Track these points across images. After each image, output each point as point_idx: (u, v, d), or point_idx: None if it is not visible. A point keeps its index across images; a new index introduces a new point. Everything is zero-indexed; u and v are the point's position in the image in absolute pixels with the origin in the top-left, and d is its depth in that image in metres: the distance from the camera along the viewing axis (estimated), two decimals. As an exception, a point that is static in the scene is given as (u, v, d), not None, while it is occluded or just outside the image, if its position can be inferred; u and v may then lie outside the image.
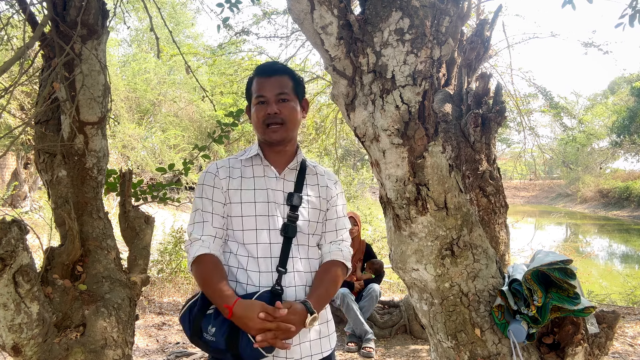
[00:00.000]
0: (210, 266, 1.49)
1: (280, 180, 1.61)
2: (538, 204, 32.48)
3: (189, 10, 22.08)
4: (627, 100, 24.61)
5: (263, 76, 1.59)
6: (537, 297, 1.51)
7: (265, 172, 1.61)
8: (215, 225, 1.55)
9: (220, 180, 1.58)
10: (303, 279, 1.55)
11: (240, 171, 1.61)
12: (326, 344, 1.60)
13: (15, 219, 1.60)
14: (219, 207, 1.57)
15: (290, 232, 1.55)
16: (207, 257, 1.50)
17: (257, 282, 1.51)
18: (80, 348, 1.81)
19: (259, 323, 1.37)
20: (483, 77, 3.46)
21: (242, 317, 1.39)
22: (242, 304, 1.40)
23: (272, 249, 1.54)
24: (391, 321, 4.83)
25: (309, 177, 1.66)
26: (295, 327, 1.40)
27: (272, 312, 1.38)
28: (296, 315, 1.42)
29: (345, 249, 1.65)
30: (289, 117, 1.57)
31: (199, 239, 1.53)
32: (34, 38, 1.90)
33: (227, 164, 1.64)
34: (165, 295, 6.44)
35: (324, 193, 1.65)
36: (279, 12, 6.87)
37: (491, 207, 3.38)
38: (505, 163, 14.88)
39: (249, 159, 1.63)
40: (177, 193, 13.03)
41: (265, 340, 1.37)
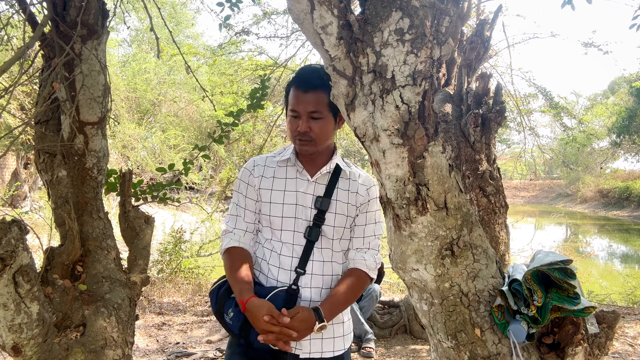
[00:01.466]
0: (236, 259, 1.58)
1: (311, 183, 1.63)
2: (538, 204, 32.49)
3: (189, 10, 22.10)
4: (627, 101, 24.62)
5: (300, 89, 1.59)
6: (537, 297, 1.51)
7: (297, 174, 1.64)
8: (247, 220, 1.65)
9: (254, 178, 1.65)
10: (321, 282, 1.58)
11: (273, 171, 1.65)
12: (339, 343, 1.62)
13: (15, 219, 1.60)
14: (251, 203, 1.65)
15: (313, 236, 1.58)
16: (236, 249, 1.60)
17: (276, 276, 1.57)
18: (80, 348, 1.81)
19: (263, 324, 1.41)
20: (483, 77, 3.46)
21: (251, 314, 1.45)
22: (253, 302, 1.46)
23: (294, 249, 1.59)
24: (391, 321, 4.83)
25: (342, 182, 1.65)
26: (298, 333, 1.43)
27: (277, 317, 1.42)
28: (303, 322, 1.45)
29: (370, 257, 1.63)
30: (317, 135, 1.59)
31: (231, 232, 1.64)
32: (34, 38, 1.90)
33: (263, 162, 1.68)
34: (165, 295, 6.45)
35: (353, 199, 1.64)
36: (279, 12, 6.87)
37: (491, 207, 3.38)
38: (505, 163, 14.89)
39: (285, 160, 1.66)
40: (177, 193, 13.04)
41: (266, 341, 1.42)
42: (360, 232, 1.66)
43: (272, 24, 7.08)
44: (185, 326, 5.18)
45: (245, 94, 9.69)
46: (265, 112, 9.57)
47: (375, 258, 1.64)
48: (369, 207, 1.66)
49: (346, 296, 1.57)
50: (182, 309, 5.90)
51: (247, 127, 10.24)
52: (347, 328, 1.66)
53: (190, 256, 7.75)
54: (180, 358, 4.11)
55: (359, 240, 1.65)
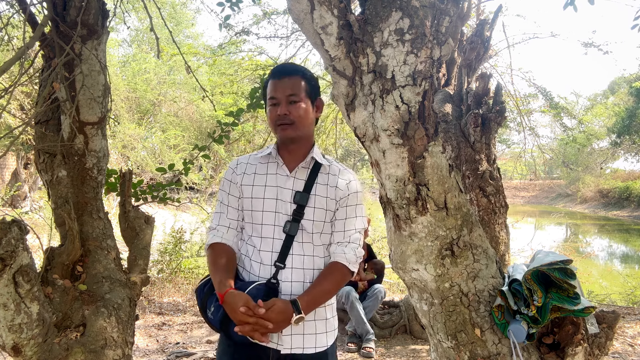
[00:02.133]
0: (217, 254, 1.63)
1: (290, 178, 1.66)
2: (538, 204, 32.48)
3: (189, 10, 22.10)
4: (627, 101, 24.61)
5: (275, 78, 1.66)
6: (537, 297, 1.51)
7: (278, 170, 1.68)
8: (230, 216, 1.69)
9: (236, 175, 1.70)
10: (301, 276, 1.60)
11: (255, 167, 1.70)
12: (322, 340, 1.63)
13: (15, 219, 1.60)
14: (234, 200, 1.70)
15: (292, 230, 1.60)
16: (218, 245, 1.65)
17: (258, 272, 1.61)
18: (80, 348, 1.81)
19: (239, 315, 1.46)
20: (483, 77, 3.46)
21: (228, 305, 1.49)
22: (231, 294, 1.50)
23: (274, 244, 1.62)
24: (391, 321, 4.83)
25: (321, 176, 1.67)
26: (275, 324, 1.46)
27: (252, 308, 1.46)
28: (280, 313, 1.47)
29: (350, 251, 1.63)
30: (298, 117, 1.62)
31: (215, 229, 1.69)
32: (34, 38, 1.90)
33: (246, 160, 1.74)
34: (165, 295, 6.45)
35: (332, 193, 1.65)
36: (279, 12, 6.87)
37: (491, 207, 3.38)
38: (505, 163, 14.88)
39: (266, 156, 1.71)
40: (177, 193, 13.03)
41: (242, 332, 1.46)
42: (341, 226, 1.67)
43: (272, 24, 7.08)
44: (185, 326, 5.18)
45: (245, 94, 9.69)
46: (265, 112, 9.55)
47: (355, 252, 1.65)
48: (349, 201, 1.67)
49: (325, 289, 1.59)
50: (182, 309, 5.90)
51: (247, 127, 10.24)
52: (330, 325, 1.67)
53: (190, 256, 7.75)
54: (180, 358, 4.11)
55: (340, 234, 1.67)
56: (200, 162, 13.11)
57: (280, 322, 1.48)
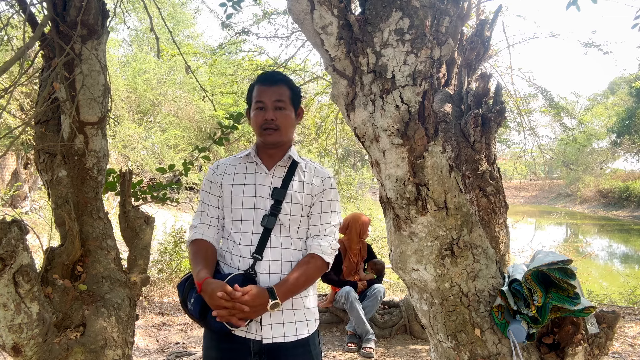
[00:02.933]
0: (197, 249, 1.72)
1: (269, 176, 1.75)
2: (538, 204, 32.48)
3: (189, 10, 22.10)
4: (627, 101, 24.61)
5: (264, 84, 1.74)
6: (537, 297, 1.51)
7: (256, 169, 1.77)
8: (210, 215, 1.78)
9: (216, 175, 1.80)
10: (279, 268, 1.68)
11: (235, 168, 1.80)
12: (302, 328, 1.70)
13: (15, 219, 1.60)
14: (214, 199, 1.78)
15: (269, 224, 1.69)
16: (198, 241, 1.74)
17: (237, 265, 1.68)
18: (80, 348, 1.81)
19: (217, 300, 1.52)
20: (483, 77, 3.46)
21: (206, 293, 1.56)
22: (208, 282, 1.57)
23: (252, 238, 1.70)
24: (391, 321, 4.83)
25: (297, 174, 1.77)
26: (251, 309, 1.53)
27: (229, 293, 1.52)
28: (257, 298, 1.54)
29: (326, 243, 1.72)
30: (283, 124, 1.73)
31: (196, 227, 1.77)
32: (34, 38, 1.90)
33: (226, 162, 1.84)
34: (165, 295, 6.45)
35: (308, 189, 1.75)
36: (279, 12, 6.87)
37: (491, 207, 3.38)
38: (505, 163, 14.89)
39: (245, 157, 1.81)
40: (177, 193, 13.04)
41: (220, 316, 1.52)
42: (317, 220, 1.76)
43: (272, 24, 7.07)
44: (185, 326, 5.18)
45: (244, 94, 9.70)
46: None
47: (331, 244, 1.73)
48: (324, 196, 1.76)
49: (300, 278, 1.66)
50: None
51: (247, 128, 10.24)
52: (309, 314, 1.74)
53: (190, 256, 7.74)
54: (180, 358, 4.11)
55: (316, 228, 1.75)
56: (200, 162, 13.11)
57: (256, 307, 1.55)
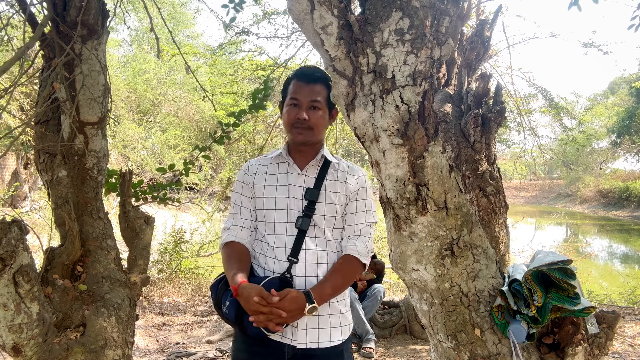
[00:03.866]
0: (231, 252, 1.68)
1: (301, 176, 1.71)
2: (538, 204, 32.48)
3: (189, 10, 22.10)
4: (627, 101, 24.60)
5: (301, 81, 1.70)
6: (537, 297, 1.51)
7: (288, 169, 1.73)
8: (243, 217, 1.74)
9: (248, 176, 1.76)
10: (315, 270, 1.64)
11: (266, 168, 1.76)
12: (337, 334, 1.65)
13: (15, 219, 1.60)
14: (247, 200, 1.75)
15: (303, 225, 1.64)
16: (232, 244, 1.70)
17: (272, 268, 1.64)
18: (80, 348, 1.81)
19: (253, 305, 1.48)
20: (483, 77, 3.46)
21: (242, 297, 1.52)
22: (244, 286, 1.53)
23: (286, 240, 1.65)
24: (391, 321, 4.83)
25: (330, 173, 1.73)
26: (288, 314, 1.49)
27: (266, 297, 1.48)
28: (293, 302, 1.50)
29: (361, 244, 1.68)
30: (315, 124, 1.69)
31: (229, 228, 1.74)
32: (34, 38, 1.90)
33: (257, 162, 1.80)
34: (165, 295, 6.45)
35: (342, 189, 1.71)
36: (279, 12, 6.87)
37: (491, 207, 3.38)
38: (505, 163, 14.89)
39: (276, 157, 1.77)
40: (177, 193, 13.03)
41: (257, 321, 1.49)
42: (352, 220, 1.72)
43: (272, 24, 7.07)
44: (185, 326, 5.18)
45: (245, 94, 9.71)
46: (266, 112, 9.58)
47: (366, 244, 1.69)
48: (359, 195, 1.73)
49: (337, 282, 1.62)
50: (182, 309, 5.90)
51: (247, 127, 10.24)
52: (344, 319, 1.69)
53: (190, 256, 7.74)
54: (180, 358, 4.11)
55: (350, 228, 1.71)
56: (201, 162, 13.10)
57: (293, 312, 1.50)
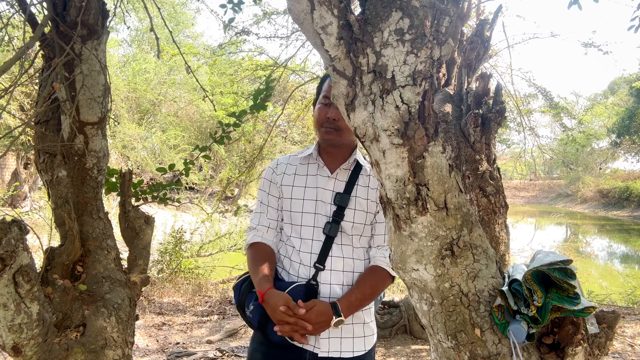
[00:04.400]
0: (257, 253, 1.63)
1: (331, 179, 1.64)
2: (538, 204, 32.49)
3: (189, 10, 22.10)
4: (627, 101, 24.61)
5: None
6: (537, 297, 1.51)
7: (318, 171, 1.67)
8: (269, 217, 1.69)
9: (276, 175, 1.70)
10: (341, 278, 1.58)
11: (295, 168, 1.69)
12: (359, 344, 1.60)
13: (15, 219, 1.60)
14: (274, 200, 1.69)
15: (331, 232, 1.58)
16: (258, 245, 1.65)
17: (297, 272, 1.59)
18: (80, 348, 1.81)
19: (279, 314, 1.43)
20: (483, 77, 3.46)
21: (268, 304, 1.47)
22: (271, 293, 1.48)
23: (313, 245, 1.60)
24: (391, 321, 4.83)
25: (362, 178, 1.66)
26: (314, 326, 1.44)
27: (292, 308, 1.43)
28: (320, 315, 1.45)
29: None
30: (345, 126, 1.62)
31: (255, 228, 1.69)
32: (34, 38, 1.90)
33: (286, 160, 1.73)
34: (165, 295, 6.45)
35: (373, 196, 1.64)
36: (279, 12, 6.87)
37: (491, 207, 3.38)
38: (505, 163, 14.89)
39: (306, 157, 1.70)
40: (177, 193, 13.04)
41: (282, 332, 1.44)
42: (382, 229, 1.65)
43: (272, 24, 7.08)
44: (186, 326, 5.18)
45: (245, 94, 9.72)
46: (266, 112, 9.58)
47: None
48: None
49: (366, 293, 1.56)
50: (182, 309, 5.90)
51: (247, 127, 10.24)
52: (368, 329, 1.63)
53: (190, 256, 7.75)
54: (180, 358, 4.11)
55: (380, 238, 1.65)
56: (201, 162, 13.11)
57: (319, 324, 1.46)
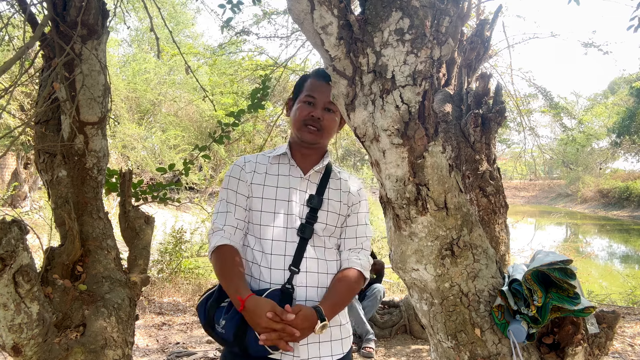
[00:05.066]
0: (228, 257, 1.51)
1: (304, 180, 1.62)
2: (538, 204, 32.50)
3: (189, 10, 22.10)
4: (627, 101, 24.62)
5: (321, 80, 1.63)
6: (537, 297, 1.51)
7: (290, 171, 1.63)
8: (237, 216, 1.58)
9: (245, 173, 1.62)
10: (316, 280, 1.55)
11: (266, 168, 1.63)
12: (337, 347, 1.57)
13: (15, 219, 1.60)
14: (242, 199, 1.60)
15: (307, 233, 1.55)
16: (227, 247, 1.52)
17: (269, 278, 1.51)
18: (80, 348, 1.81)
19: (266, 322, 1.35)
20: (483, 77, 3.46)
21: (251, 312, 1.38)
22: (254, 299, 1.40)
23: (286, 247, 1.54)
24: (391, 321, 4.83)
25: (332, 181, 1.65)
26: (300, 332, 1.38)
27: (280, 314, 1.37)
28: (306, 320, 1.40)
29: (365, 257, 1.62)
30: (327, 126, 1.62)
31: (221, 229, 1.56)
32: (34, 38, 1.90)
33: (254, 159, 1.67)
34: (165, 295, 6.45)
35: (345, 198, 1.64)
36: (279, 12, 6.87)
37: (491, 207, 3.38)
38: (505, 163, 14.89)
39: (277, 157, 1.66)
40: (177, 193, 13.04)
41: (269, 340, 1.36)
42: (353, 232, 1.65)
43: (272, 24, 7.07)
44: (186, 326, 5.19)
45: (245, 94, 9.72)
46: (265, 112, 9.58)
47: (368, 258, 1.64)
48: (360, 207, 1.67)
49: (344, 296, 1.55)
50: (182, 309, 5.90)
51: (247, 127, 10.24)
52: (345, 331, 1.62)
53: (190, 256, 7.75)
54: (180, 358, 4.11)
55: (352, 241, 1.64)
56: (201, 162, 13.11)
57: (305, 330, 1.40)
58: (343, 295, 1.54)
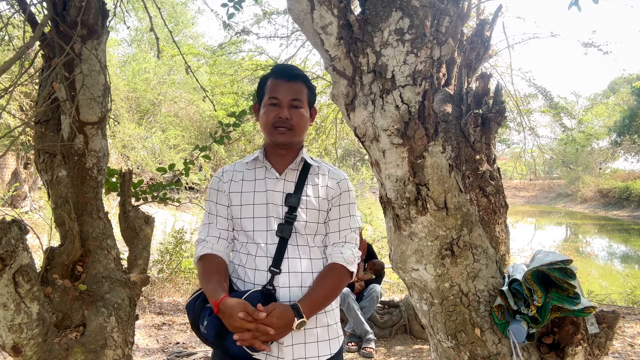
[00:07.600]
0: (208, 265, 1.57)
1: (280, 180, 1.60)
2: (538, 204, 32.49)
3: (189, 10, 22.10)
4: (628, 100, 24.61)
5: (280, 79, 1.61)
6: (537, 297, 1.51)
7: (266, 174, 1.63)
8: (219, 227, 1.63)
9: (223, 183, 1.65)
10: (299, 280, 1.53)
11: (242, 174, 1.65)
12: (324, 348, 1.55)
13: (15, 219, 1.60)
14: (223, 209, 1.63)
15: (285, 233, 1.54)
16: (208, 256, 1.59)
17: (253, 280, 1.53)
18: (80, 348, 1.81)
19: (238, 322, 1.37)
20: (483, 77, 3.46)
21: (224, 313, 1.40)
22: (227, 301, 1.41)
23: (268, 249, 1.55)
24: (391, 321, 4.83)
25: (311, 177, 1.63)
26: (275, 330, 1.38)
27: (252, 313, 1.37)
28: (280, 318, 1.40)
29: (348, 251, 1.58)
30: (298, 123, 1.59)
31: (204, 240, 1.62)
32: (34, 38, 1.90)
33: (231, 168, 1.69)
34: (165, 295, 6.45)
35: (324, 193, 1.61)
36: (279, 12, 6.87)
37: (491, 207, 3.38)
38: (505, 163, 14.88)
39: (252, 161, 1.66)
40: (177, 193, 13.04)
41: (243, 340, 1.37)
42: (335, 226, 1.62)
43: (272, 23, 7.06)
44: (186, 326, 5.18)
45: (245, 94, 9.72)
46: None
47: (353, 251, 1.60)
48: (342, 200, 1.63)
49: (324, 292, 1.52)
50: (182, 309, 5.90)
51: (247, 127, 10.24)
52: (333, 332, 1.59)
53: (190, 256, 7.75)
54: (180, 358, 4.11)
55: (335, 235, 1.61)
56: (201, 162, 13.11)
57: (281, 328, 1.39)
58: (324, 291, 1.52)
